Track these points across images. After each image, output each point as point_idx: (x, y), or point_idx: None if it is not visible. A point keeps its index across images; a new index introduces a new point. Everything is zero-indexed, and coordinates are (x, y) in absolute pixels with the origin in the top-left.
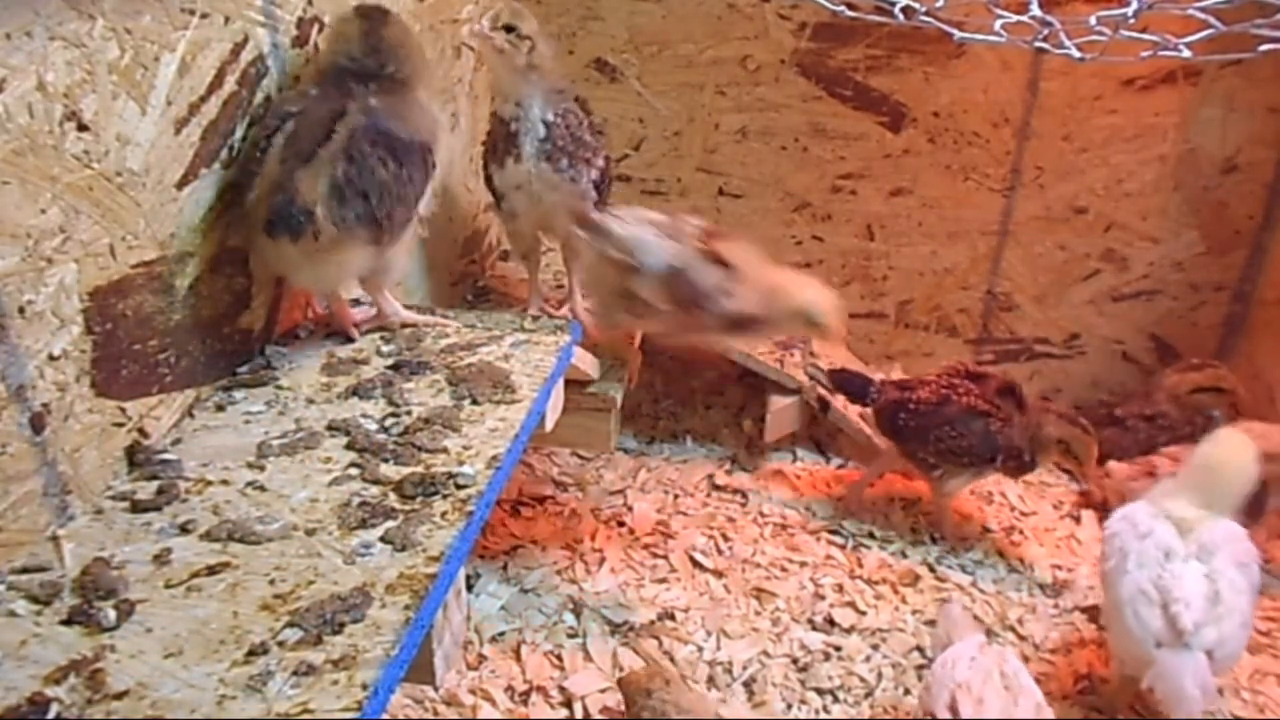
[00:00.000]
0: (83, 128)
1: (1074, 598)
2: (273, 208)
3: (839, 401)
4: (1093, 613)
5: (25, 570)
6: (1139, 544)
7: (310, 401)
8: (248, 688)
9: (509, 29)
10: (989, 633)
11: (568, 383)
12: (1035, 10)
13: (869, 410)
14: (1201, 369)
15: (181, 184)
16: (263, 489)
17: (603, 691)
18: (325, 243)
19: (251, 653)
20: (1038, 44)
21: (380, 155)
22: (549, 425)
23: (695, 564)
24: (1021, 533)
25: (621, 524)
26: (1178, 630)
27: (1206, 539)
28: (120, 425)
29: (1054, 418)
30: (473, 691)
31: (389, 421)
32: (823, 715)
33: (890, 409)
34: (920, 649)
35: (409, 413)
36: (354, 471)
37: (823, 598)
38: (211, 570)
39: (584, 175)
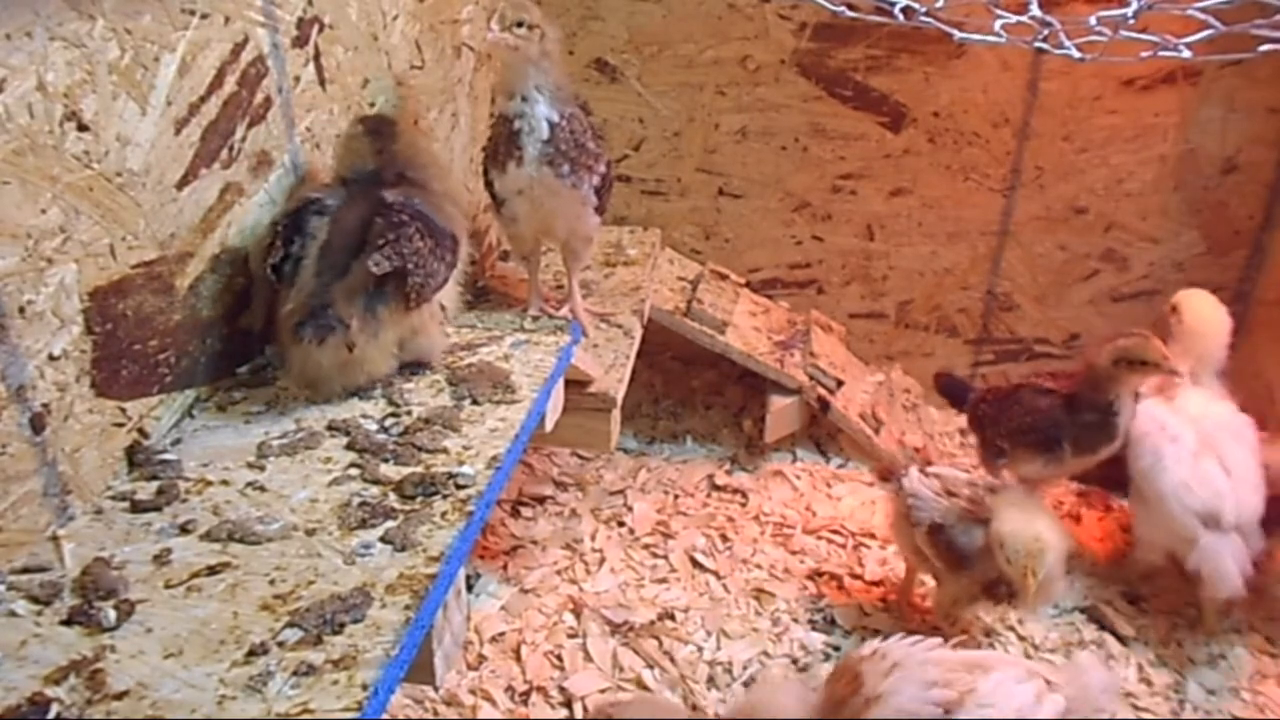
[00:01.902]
0: (83, 128)
1: (1074, 598)
2: (306, 310)
3: (839, 401)
4: (1092, 613)
5: (25, 570)
6: (1171, 447)
7: (310, 402)
8: (248, 688)
9: (519, 24)
10: (989, 632)
11: (568, 383)
12: (1035, 10)
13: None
14: None
15: (181, 184)
16: (263, 489)
17: (603, 691)
18: (358, 356)
19: (251, 653)
20: (1038, 44)
21: (417, 227)
22: (549, 425)
23: (695, 564)
24: None
25: (621, 524)
26: (1218, 519)
27: (1211, 428)
28: (120, 425)
29: (1103, 348)
30: (473, 691)
31: (389, 421)
32: None
33: (975, 403)
34: None
35: (409, 413)
36: (354, 471)
37: (823, 597)
38: (211, 570)
39: (585, 181)
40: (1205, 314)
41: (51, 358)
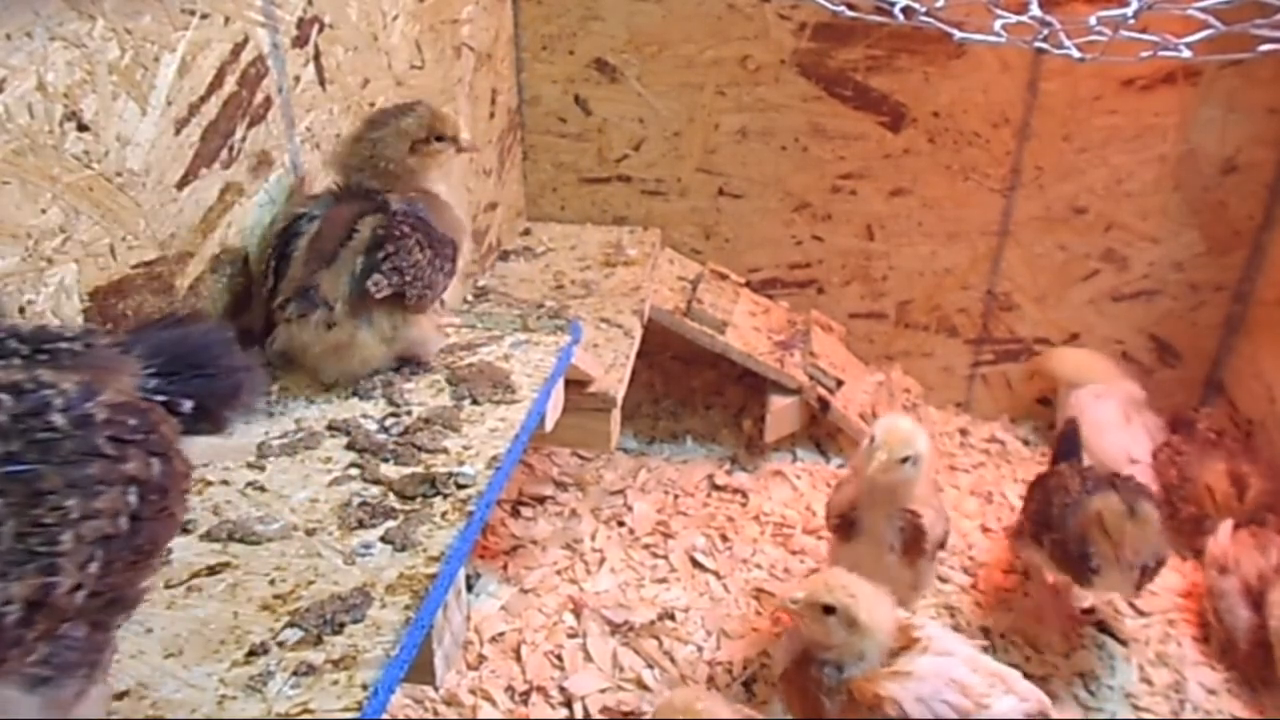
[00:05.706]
0: (83, 128)
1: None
2: (292, 292)
3: (839, 401)
4: (1091, 614)
5: None
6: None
7: (310, 401)
8: (248, 688)
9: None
10: (987, 632)
11: (568, 383)
12: (1035, 10)
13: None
14: None
15: (181, 184)
16: (263, 489)
17: (603, 691)
18: (340, 336)
19: (251, 653)
20: (1038, 44)
21: (418, 239)
22: (549, 425)
23: (695, 564)
24: None
25: (621, 524)
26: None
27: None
28: None
29: (1107, 483)
30: (473, 691)
31: (389, 421)
32: None
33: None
34: None
35: (409, 413)
36: (354, 471)
37: None
38: (211, 570)
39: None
40: (1059, 362)
41: None
